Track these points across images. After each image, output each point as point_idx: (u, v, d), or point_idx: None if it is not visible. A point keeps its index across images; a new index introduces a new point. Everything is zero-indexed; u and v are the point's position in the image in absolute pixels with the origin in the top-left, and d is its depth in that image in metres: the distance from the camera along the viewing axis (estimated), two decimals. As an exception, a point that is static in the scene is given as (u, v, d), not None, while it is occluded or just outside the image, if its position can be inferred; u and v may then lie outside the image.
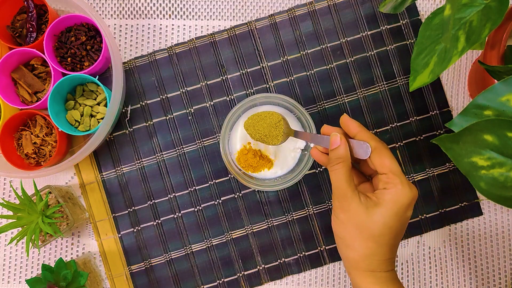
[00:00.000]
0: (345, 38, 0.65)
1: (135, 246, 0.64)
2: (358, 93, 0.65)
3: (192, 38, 0.65)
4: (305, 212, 0.64)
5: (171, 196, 0.64)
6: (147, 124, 0.65)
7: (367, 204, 0.44)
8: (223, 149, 0.59)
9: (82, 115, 0.61)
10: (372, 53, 0.65)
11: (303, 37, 0.65)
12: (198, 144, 0.65)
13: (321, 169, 0.64)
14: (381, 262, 0.45)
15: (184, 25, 0.66)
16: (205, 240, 0.64)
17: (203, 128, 0.65)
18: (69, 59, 0.60)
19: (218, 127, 0.65)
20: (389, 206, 0.43)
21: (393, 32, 0.66)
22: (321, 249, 0.64)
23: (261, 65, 0.65)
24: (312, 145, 0.59)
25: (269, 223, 0.64)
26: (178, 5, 0.66)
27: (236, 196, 0.64)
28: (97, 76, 0.60)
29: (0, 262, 0.64)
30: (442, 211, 0.64)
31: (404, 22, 0.66)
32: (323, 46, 0.65)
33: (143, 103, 0.65)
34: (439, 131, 0.65)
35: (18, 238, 0.56)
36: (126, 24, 0.66)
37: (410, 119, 0.65)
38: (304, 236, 0.64)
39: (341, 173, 0.46)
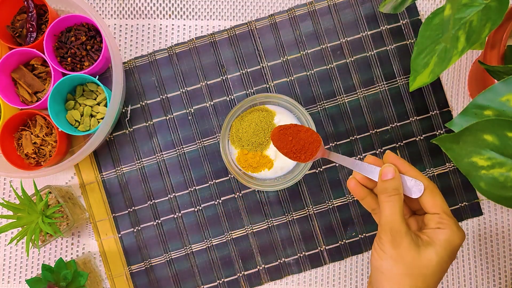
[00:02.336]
0: (345, 38, 0.65)
1: (135, 246, 0.64)
2: (358, 93, 0.65)
3: (192, 38, 0.65)
4: (305, 212, 0.64)
5: (171, 196, 0.64)
6: (147, 124, 0.65)
7: (418, 243, 0.42)
8: (223, 149, 0.59)
9: (82, 115, 0.61)
10: (372, 53, 0.65)
11: (303, 37, 0.65)
12: (198, 144, 0.65)
13: (321, 169, 0.64)
14: None
15: (184, 25, 0.66)
16: (205, 240, 0.64)
17: (203, 128, 0.65)
18: (69, 59, 0.60)
19: (218, 127, 0.65)
20: (444, 246, 0.42)
21: (393, 32, 0.66)
22: (321, 249, 0.64)
23: (261, 65, 0.65)
24: None
25: (269, 223, 0.64)
26: (178, 5, 0.66)
27: (236, 196, 0.64)
28: (97, 76, 0.60)
29: (0, 262, 0.64)
30: (442, 211, 0.64)
31: (404, 22, 0.66)
32: (323, 46, 0.65)
33: (143, 103, 0.65)
34: (439, 131, 0.65)
35: (18, 238, 0.56)
36: (126, 24, 0.66)
37: (410, 119, 0.65)
38: (304, 236, 0.64)
39: (397, 206, 0.43)
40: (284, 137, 0.50)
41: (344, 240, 0.64)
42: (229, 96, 0.65)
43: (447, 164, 0.65)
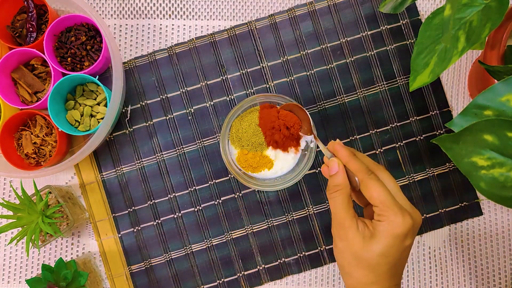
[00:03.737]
0: (345, 38, 0.65)
1: (135, 246, 0.64)
2: (358, 93, 0.65)
3: (192, 38, 0.65)
4: (305, 212, 0.64)
5: (171, 196, 0.64)
6: (147, 124, 0.65)
7: (364, 234, 0.44)
8: (223, 149, 0.59)
9: (82, 115, 0.61)
10: (372, 53, 0.65)
11: (303, 37, 0.65)
12: (198, 144, 0.65)
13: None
14: None
15: (184, 25, 0.66)
16: (205, 240, 0.64)
17: (203, 128, 0.65)
18: (69, 59, 0.60)
19: (218, 127, 0.65)
20: (384, 238, 0.43)
21: (393, 32, 0.66)
22: (321, 249, 0.64)
23: (261, 65, 0.65)
24: (312, 144, 0.59)
25: (269, 223, 0.64)
26: (178, 5, 0.66)
27: (236, 196, 0.64)
28: (97, 76, 0.60)
29: (0, 262, 0.64)
30: (442, 211, 0.64)
31: (404, 22, 0.66)
32: (323, 46, 0.65)
33: (143, 103, 0.65)
34: (439, 131, 0.65)
35: (18, 238, 0.56)
36: (126, 24, 0.66)
37: (410, 119, 0.65)
38: (304, 236, 0.64)
39: (339, 201, 0.45)
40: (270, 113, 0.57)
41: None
42: (229, 96, 0.65)
43: (447, 164, 0.65)
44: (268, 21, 0.65)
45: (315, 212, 0.64)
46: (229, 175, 0.64)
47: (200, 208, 0.64)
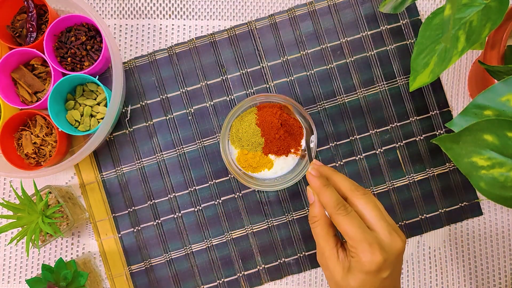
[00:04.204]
0: (345, 38, 0.65)
1: (135, 246, 0.64)
2: (358, 93, 0.65)
3: (192, 38, 0.65)
4: (305, 212, 0.64)
5: (171, 196, 0.64)
6: (147, 124, 0.65)
7: (343, 264, 0.44)
8: (223, 149, 0.59)
9: (82, 115, 0.61)
10: (372, 53, 0.65)
11: (303, 37, 0.65)
12: (198, 144, 0.65)
13: (321, 169, 0.64)
14: None
15: (184, 25, 0.66)
16: (205, 240, 0.64)
17: (203, 128, 0.65)
18: (69, 59, 0.60)
19: (218, 127, 0.65)
20: (357, 273, 0.43)
21: (393, 32, 0.66)
22: (321, 249, 0.64)
23: (261, 65, 0.65)
24: (312, 144, 0.59)
25: (269, 223, 0.64)
26: (178, 5, 0.66)
27: (236, 196, 0.64)
28: (97, 76, 0.60)
29: (0, 262, 0.64)
30: (442, 211, 0.64)
31: (404, 22, 0.66)
32: (323, 46, 0.65)
33: (143, 103, 0.65)
34: (439, 131, 0.65)
35: (18, 238, 0.56)
36: (126, 24, 0.66)
37: (410, 119, 0.65)
38: (304, 236, 0.64)
39: (318, 231, 0.46)
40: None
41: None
42: (229, 96, 0.65)
43: (447, 164, 0.65)
44: (268, 21, 0.65)
45: (315, 212, 0.64)
46: (229, 175, 0.64)
47: (200, 208, 0.64)
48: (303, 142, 0.61)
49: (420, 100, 0.65)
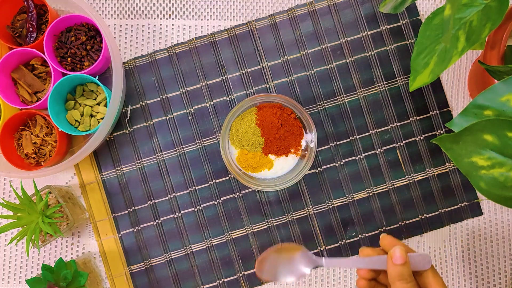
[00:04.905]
0: (345, 38, 0.65)
1: (135, 246, 0.64)
2: (358, 93, 0.65)
3: (192, 38, 0.65)
4: (305, 212, 0.64)
5: (171, 196, 0.64)
6: (147, 124, 0.65)
7: None
8: (223, 149, 0.59)
9: (82, 115, 0.61)
10: (372, 53, 0.65)
11: (303, 37, 0.65)
12: (198, 144, 0.65)
13: (321, 169, 0.64)
14: None
15: (184, 25, 0.66)
16: (205, 240, 0.64)
17: (203, 128, 0.65)
18: (69, 59, 0.60)
19: (218, 127, 0.65)
20: None
21: (393, 32, 0.66)
22: (321, 249, 0.64)
23: (261, 65, 0.65)
24: (312, 144, 0.59)
25: (269, 223, 0.64)
26: (178, 5, 0.66)
27: (236, 196, 0.64)
28: (97, 76, 0.60)
29: (0, 262, 0.64)
30: (442, 211, 0.64)
31: (404, 22, 0.66)
32: (323, 46, 0.65)
33: (143, 103, 0.65)
34: (439, 131, 0.65)
35: (18, 238, 0.56)
36: (126, 24, 0.66)
37: (410, 119, 0.65)
38: (304, 236, 0.64)
39: None
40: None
41: (344, 240, 0.64)
42: (229, 96, 0.65)
43: (447, 164, 0.65)
44: (268, 21, 0.65)
45: (315, 212, 0.64)
46: (229, 175, 0.64)
47: (200, 208, 0.64)
48: (303, 142, 0.61)
49: (420, 100, 0.65)
